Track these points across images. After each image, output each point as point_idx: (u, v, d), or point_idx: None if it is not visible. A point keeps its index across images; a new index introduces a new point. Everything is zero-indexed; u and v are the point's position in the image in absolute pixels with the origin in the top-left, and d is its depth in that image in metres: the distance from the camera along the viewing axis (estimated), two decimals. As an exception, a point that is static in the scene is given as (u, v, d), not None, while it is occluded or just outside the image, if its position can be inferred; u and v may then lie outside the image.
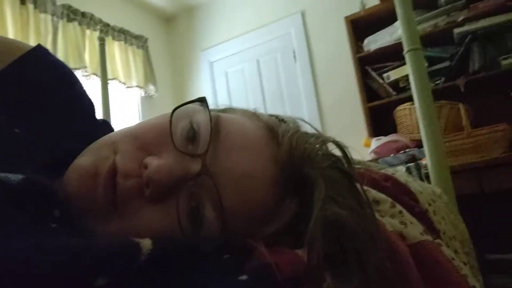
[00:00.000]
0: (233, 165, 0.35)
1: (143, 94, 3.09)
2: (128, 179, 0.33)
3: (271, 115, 0.44)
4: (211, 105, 0.40)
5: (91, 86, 2.48)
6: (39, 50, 0.44)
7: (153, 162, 0.33)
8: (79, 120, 0.46)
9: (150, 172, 0.32)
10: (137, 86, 2.97)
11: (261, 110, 0.46)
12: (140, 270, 0.26)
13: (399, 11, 1.01)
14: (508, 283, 1.73)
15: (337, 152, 0.42)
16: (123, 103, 2.98)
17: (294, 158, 0.37)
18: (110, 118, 1.73)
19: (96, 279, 0.23)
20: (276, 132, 0.39)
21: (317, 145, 0.39)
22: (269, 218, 0.37)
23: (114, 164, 0.34)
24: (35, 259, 0.22)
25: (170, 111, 0.37)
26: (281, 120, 0.43)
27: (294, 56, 2.96)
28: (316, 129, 0.43)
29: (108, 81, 2.60)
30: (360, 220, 0.33)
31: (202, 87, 3.37)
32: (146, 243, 0.27)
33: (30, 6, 2.22)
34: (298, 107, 2.88)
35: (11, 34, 2.11)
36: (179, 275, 0.28)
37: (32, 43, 1.99)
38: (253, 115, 0.42)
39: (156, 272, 0.27)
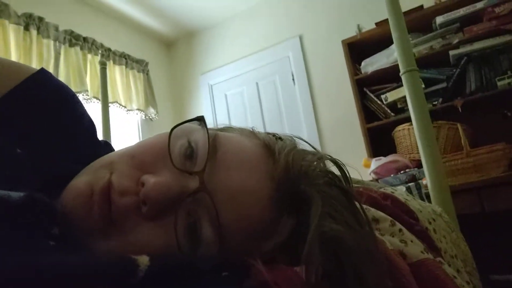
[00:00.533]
0: (230, 182, 0.35)
1: (143, 117, 3.11)
2: (123, 196, 0.33)
3: (269, 133, 0.44)
4: (210, 126, 0.40)
5: (92, 109, 2.49)
6: (43, 73, 0.45)
7: (150, 179, 0.33)
8: (80, 141, 0.46)
9: (147, 190, 0.32)
10: (137, 109, 3.00)
11: (259, 130, 0.46)
12: (137, 286, 0.26)
13: (394, 34, 1.03)
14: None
15: (335, 170, 0.42)
16: (124, 126, 3.00)
17: (291, 175, 0.37)
18: (110, 141, 1.74)
19: None
20: (273, 149, 0.39)
21: (314, 162, 0.39)
22: (267, 235, 0.36)
23: (109, 182, 0.34)
24: (30, 276, 0.22)
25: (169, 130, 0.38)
26: (278, 138, 0.43)
27: (293, 79, 3.00)
28: (313, 147, 0.43)
29: (109, 105, 2.63)
30: (358, 237, 0.33)
31: (202, 110, 3.40)
32: (143, 260, 0.27)
33: (33, 32, 2.27)
34: (297, 129, 2.89)
35: (14, 59, 2.14)
36: None
37: (35, 67, 2.02)
38: (251, 133, 0.43)
39: None
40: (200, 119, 0.39)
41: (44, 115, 0.43)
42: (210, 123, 0.39)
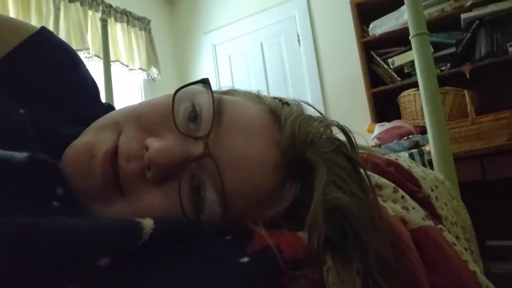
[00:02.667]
0: (235, 148, 0.34)
1: (145, 77, 3.07)
2: (130, 161, 0.33)
3: (275, 98, 0.43)
4: (214, 88, 0.39)
5: (93, 68, 2.46)
6: (44, 32, 0.44)
7: (154, 144, 0.32)
8: (84, 103, 0.45)
9: (151, 154, 0.32)
10: (139, 69, 2.95)
11: (265, 94, 0.45)
12: (142, 249, 0.26)
13: (406, -6, 0.99)
14: (507, 269, 1.75)
15: (341, 136, 0.41)
16: (126, 85, 2.97)
17: (296, 142, 0.36)
18: (113, 100, 1.73)
19: (99, 259, 0.23)
20: (279, 115, 0.38)
21: (320, 129, 0.38)
22: (271, 202, 0.36)
23: (114, 145, 0.34)
24: (36, 238, 0.22)
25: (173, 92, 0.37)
26: (284, 103, 0.42)
27: (298, 40, 2.93)
28: (320, 112, 0.42)
29: (111, 63, 2.58)
30: (361, 205, 0.33)
31: (205, 71, 3.34)
32: (148, 223, 0.27)
33: (31, -14, 2.19)
34: (301, 91, 2.86)
35: (12, 15, 2.08)
36: (180, 254, 0.28)
37: (34, 24, 1.96)
38: (256, 97, 0.42)
39: (158, 251, 0.27)
40: (205, 82, 0.38)
41: (46, 76, 0.42)
42: (213, 85, 0.38)
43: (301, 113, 0.40)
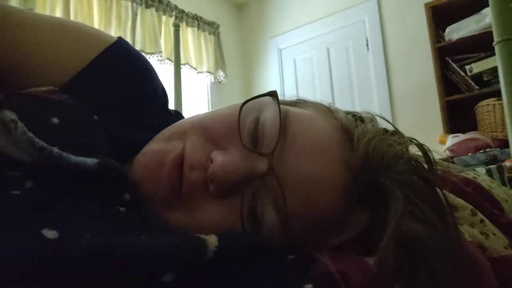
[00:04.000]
0: (300, 168, 0.33)
1: (212, 79, 3.17)
2: (193, 171, 0.33)
3: (348, 112, 0.40)
4: (280, 95, 0.37)
5: (164, 71, 2.59)
6: (120, 43, 0.45)
7: (218, 158, 0.32)
8: (152, 112, 0.47)
9: (215, 168, 0.32)
10: (207, 72, 3.06)
11: (329, 100, 0.42)
12: (206, 266, 0.26)
13: (491, -4, 0.91)
14: None
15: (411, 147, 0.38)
16: (193, 87, 3.09)
17: (370, 166, 0.33)
18: (181, 101, 1.80)
19: (163, 275, 0.24)
20: (351, 134, 0.36)
21: (397, 151, 0.34)
22: (337, 228, 0.34)
23: (181, 153, 0.34)
24: (104, 255, 0.23)
25: (238, 96, 0.36)
26: (358, 118, 0.39)
27: (367, 45, 2.84)
28: (396, 128, 0.39)
29: (181, 66, 2.70)
30: (439, 236, 0.30)
31: (270, 74, 3.37)
32: (212, 240, 0.27)
33: (113, -7, 2.37)
34: (368, 98, 2.76)
35: (96, 21, 2.27)
36: (243, 274, 0.28)
37: (114, 29, 2.11)
38: (327, 111, 0.39)
39: (221, 269, 0.27)
40: (273, 94, 0.36)
41: (119, 85, 0.43)
42: (277, 89, 0.37)
43: (377, 133, 0.36)
